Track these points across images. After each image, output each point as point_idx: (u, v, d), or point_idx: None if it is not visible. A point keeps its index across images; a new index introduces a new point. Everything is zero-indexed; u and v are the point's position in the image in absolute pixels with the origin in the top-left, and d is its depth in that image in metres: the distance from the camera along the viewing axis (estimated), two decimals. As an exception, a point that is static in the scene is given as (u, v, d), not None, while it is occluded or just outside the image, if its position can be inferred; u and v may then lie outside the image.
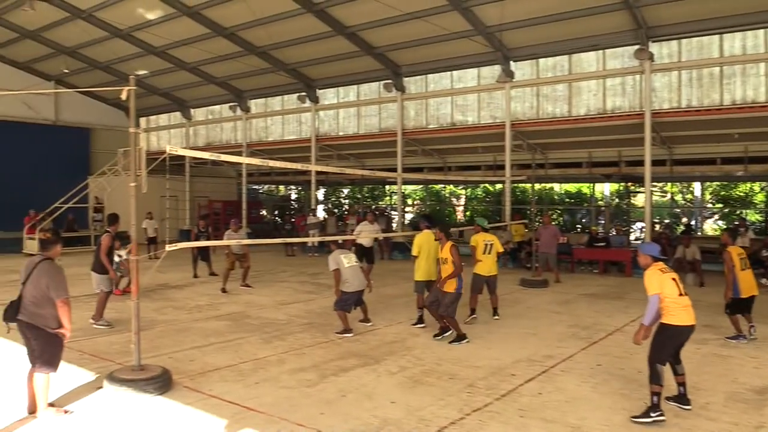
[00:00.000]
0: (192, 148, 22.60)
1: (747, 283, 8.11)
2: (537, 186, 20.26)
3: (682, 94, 15.14)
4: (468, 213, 31.03)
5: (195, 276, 14.83)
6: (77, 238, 21.75)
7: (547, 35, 16.22)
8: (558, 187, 28.70)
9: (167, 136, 28.42)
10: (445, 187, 31.26)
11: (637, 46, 15.16)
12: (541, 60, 17.26)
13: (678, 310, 5.36)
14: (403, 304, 10.74)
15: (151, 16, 18.76)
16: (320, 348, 7.93)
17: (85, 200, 22.17)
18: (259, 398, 5.85)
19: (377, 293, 9.71)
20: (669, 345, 5.46)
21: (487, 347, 7.97)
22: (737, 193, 25.67)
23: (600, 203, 27.22)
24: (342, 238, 9.74)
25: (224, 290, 12.50)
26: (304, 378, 6.55)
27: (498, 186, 27.09)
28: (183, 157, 23.72)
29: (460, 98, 18.97)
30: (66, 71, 23.64)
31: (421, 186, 31.14)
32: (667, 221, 25.29)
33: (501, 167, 19.43)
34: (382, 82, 20.11)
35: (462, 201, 32.16)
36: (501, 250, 10.38)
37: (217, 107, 26.09)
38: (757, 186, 24.90)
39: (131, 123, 6.41)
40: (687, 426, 5.25)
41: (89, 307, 9.52)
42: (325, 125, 22.45)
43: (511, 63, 17.53)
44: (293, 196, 38.33)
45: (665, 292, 5.36)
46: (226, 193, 29.85)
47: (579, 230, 26.28)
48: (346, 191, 36.13)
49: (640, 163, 16.19)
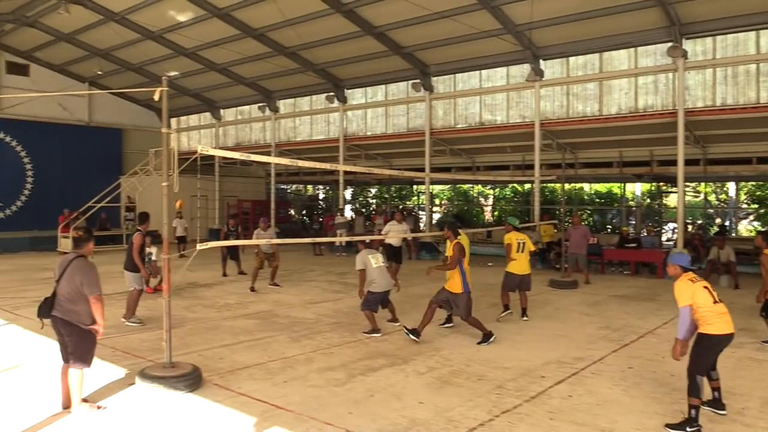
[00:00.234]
0: (221, 148, 22.84)
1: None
2: (566, 186, 20.03)
3: (717, 92, 14.81)
4: (496, 213, 30.83)
5: (224, 275, 14.99)
6: (110, 237, 22.20)
7: (578, 33, 16.01)
8: (588, 187, 28.36)
9: (197, 137, 28.77)
10: (473, 187, 31.08)
11: (670, 44, 14.86)
12: (572, 58, 17.03)
13: (715, 319, 5.18)
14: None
15: (182, 18, 18.98)
16: (348, 347, 7.95)
17: (118, 200, 22.58)
18: (288, 397, 5.89)
19: (405, 293, 9.71)
20: (708, 355, 5.30)
21: (516, 348, 7.90)
22: (773, 194, 25.09)
23: (631, 203, 26.82)
24: (370, 238, 9.75)
25: (253, 289, 12.61)
26: (333, 377, 6.57)
27: (527, 186, 26.87)
28: (213, 157, 24.00)
29: (489, 97, 18.83)
30: (99, 73, 24.08)
31: (449, 186, 31.02)
32: (700, 222, 24.81)
33: (530, 167, 19.26)
34: (410, 82, 20.06)
35: (490, 201, 31.97)
36: (533, 249, 10.43)
37: (247, 108, 26.33)
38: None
39: (163, 124, 6.49)
40: (721, 431, 5.14)
41: (121, 305, 9.68)
42: (353, 125, 22.50)
43: (541, 61, 17.34)
44: (321, 196, 38.52)
45: (699, 302, 5.19)
46: (255, 193, 30.14)
47: (609, 231, 25.94)
48: (374, 191, 36.17)
49: (673, 163, 15.88)
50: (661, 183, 23.55)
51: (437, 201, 32.97)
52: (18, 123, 24.30)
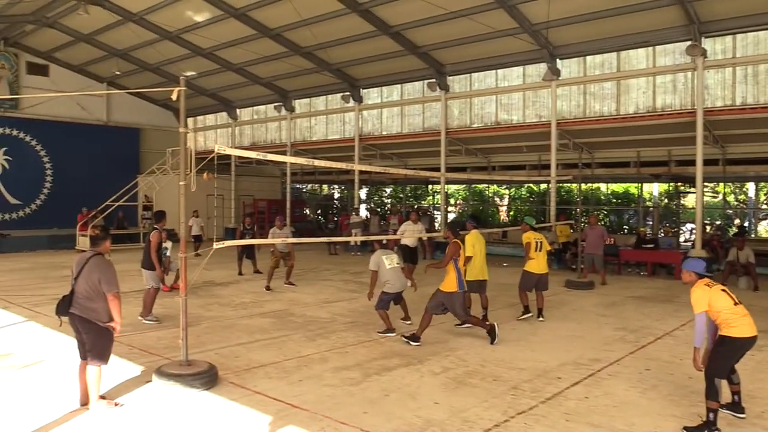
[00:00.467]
0: (238, 148, 22.94)
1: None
2: (583, 186, 19.89)
3: (737, 92, 14.63)
4: (512, 213, 30.69)
5: (240, 273, 15.07)
6: (127, 236, 22.39)
7: (595, 32, 15.90)
8: (604, 187, 28.13)
9: (214, 136, 28.97)
10: (489, 187, 30.97)
11: (689, 42, 14.70)
12: (589, 57, 16.91)
13: (738, 321, 5.06)
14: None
15: (199, 19, 19.12)
16: (363, 347, 7.96)
17: (135, 198, 22.79)
18: (303, 396, 5.90)
19: (420, 293, 9.69)
20: (730, 358, 5.19)
21: (532, 349, 7.86)
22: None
23: (648, 204, 26.57)
24: (386, 238, 9.75)
25: (268, 288, 12.66)
26: (348, 376, 6.57)
27: (543, 186, 26.70)
28: (229, 157, 24.18)
29: (505, 97, 18.75)
30: (117, 73, 24.33)
31: (464, 186, 30.92)
32: (719, 223, 24.51)
33: (546, 167, 19.17)
34: (426, 82, 20.03)
35: (506, 201, 31.83)
36: (549, 248, 10.43)
37: (263, 107, 26.47)
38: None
39: (181, 123, 6.53)
40: (741, 435, 5.08)
41: (138, 303, 9.77)
42: (369, 125, 22.51)
43: (558, 61, 17.24)
44: (336, 196, 38.58)
45: (718, 306, 5.09)
46: (271, 192, 30.26)
47: (626, 231, 25.71)
48: (389, 190, 36.16)
49: (691, 163, 15.72)
50: (679, 183, 23.31)
51: (452, 201, 32.90)
52: (38, 123, 24.67)
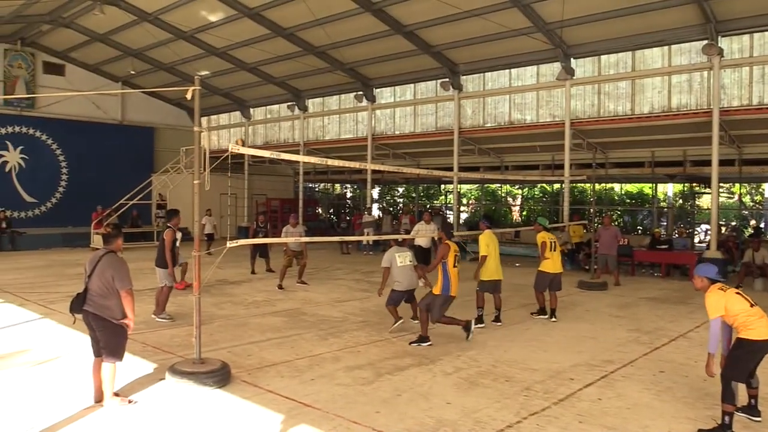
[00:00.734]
0: (251, 147, 23.03)
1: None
2: (597, 186, 19.77)
3: (754, 91, 14.46)
4: (524, 213, 30.58)
5: (253, 272, 15.13)
6: (141, 234, 22.55)
7: (610, 31, 15.78)
8: (618, 188, 27.95)
9: (227, 135, 29.09)
10: (501, 187, 30.88)
11: (706, 42, 14.55)
12: (603, 57, 16.78)
13: (755, 323, 4.98)
14: (458, 305, 10.60)
15: (213, 18, 19.20)
16: (375, 346, 7.96)
17: (149, 197, 22.95)
18: (315, 395, 5.92)
19: (431, 293, 9.66)
20: (748, 361, 5.10)
21: (545, 350, 7.83)
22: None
23: (663, 204, 26.36)
24: (401, 237, 9.76)
25: (281, 287, 12.69)
26: (360, 376, 6.58)
27: (556, 186, 26.59)
28: (242, 156, 24.24)
29: (519, 96, 18.66)
30: (132, 72, 24.50)
31: (477, 185, 30.85)
32: (734, 224, 24.27)
33: (559, 167, 19.06)
34: (439, 81, 19.98)
35: (518, 201, 31.72)
36: (560, 248, 10.45)
37: (276, 107, 26.52)
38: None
39: (195, 122, 6.57)
40: (757, 438, 5.03)
41: (151, 301, 9.84)
42: (382, 124, 22.50)
43: (572, 60, 17.13)
44: (348, 195, 38.63)
45: (735, 310, 5.03)
46: (283, 191, 30.35)
47: (639, 232, 25.53)
48: (401, 190, 36.16)
49: (707, 163, 15.57)
50: (694, 184, 23.12)
51: (465, 200, 32.83)
52: (54, 122, 24.91)
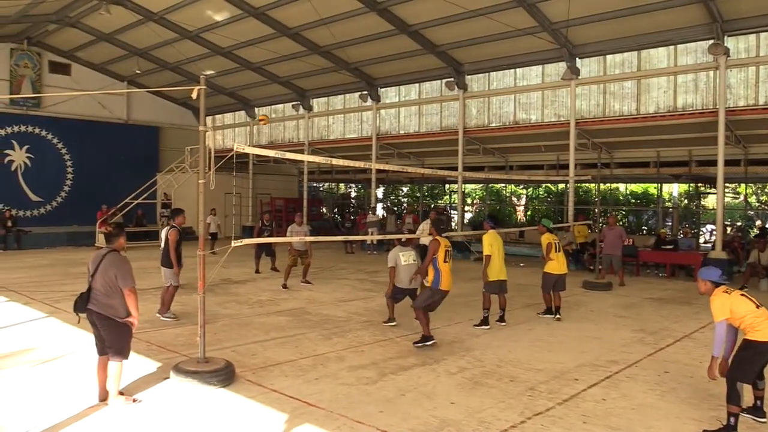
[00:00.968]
0: (256, 146, 23.07)
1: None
2: (602, 186, 19.72)
3: (760, 91, 14.40)
4: (529, 213, 30.52)
5: (257, 271, 15.14)
6: (145, 233, 22.58)
7: (615, 31, 15.74)
8: (623, 188, 27.87)
9: (232, 134, 29.15)
10: (506, 187, 30.83)
11: (712, 41, 14.50)
12: (609, 56, 16.75)
13: (762, 324, 4.95)
14: (462, 304, 10.65)
15: (219, 18, 19.23)
16: (379, 346, 7.96)
17: (154, 196, 22.99)
18: (319, 394, 5.92)
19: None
20: (755, 362, 5.06)
21: (549, 350, 7.82)
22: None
23: (668, 204, 26.27)
24: (406, 237, 9.78)
25: (285, 286, 12.70)
26: (364, 375, 6.58)
27: (561, 186, 26.53)
28: (247, 155, 24.29)
29: (524, 96, 18.64)
30: (138, 72, 24.54)
31: (481, 185, 30.82)
32: (739, 224, 24.17)
33: (564, 166, 19.02)
34: (444, 81, 19.98)
35: (523, 201, 31.66)
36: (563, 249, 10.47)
37: (281, 106, 26.56)
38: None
39: (201, 122, 6.57)
40: (762, 440, 5.01)
41: (156, 300, 9.87)
42: (386, 124, 22.50)
43: (577, 60, 17.10)
44: (353, 194, 38.64)
45: (741, 312, 5.00)
46: (288, 191, 30.40)
47: (645, 232, 25.45)
48: (405, 189, 36.14)
49: (712, 163, 15.51)
50: (700, 184, 23.04)
51: (469, 200, 32.79)
52: (59, 121, 24.99)
